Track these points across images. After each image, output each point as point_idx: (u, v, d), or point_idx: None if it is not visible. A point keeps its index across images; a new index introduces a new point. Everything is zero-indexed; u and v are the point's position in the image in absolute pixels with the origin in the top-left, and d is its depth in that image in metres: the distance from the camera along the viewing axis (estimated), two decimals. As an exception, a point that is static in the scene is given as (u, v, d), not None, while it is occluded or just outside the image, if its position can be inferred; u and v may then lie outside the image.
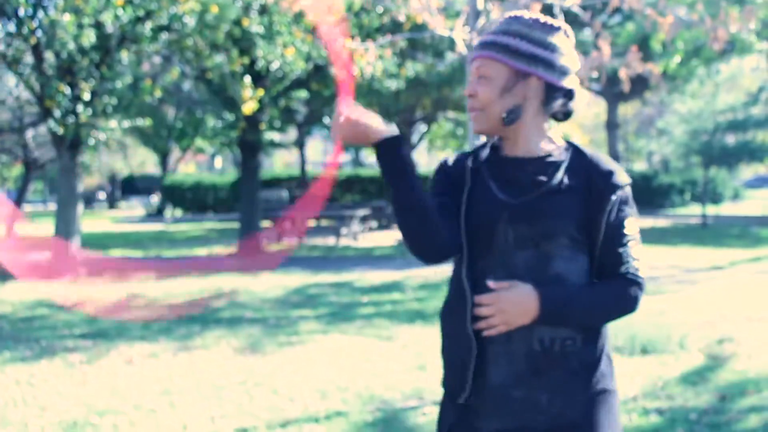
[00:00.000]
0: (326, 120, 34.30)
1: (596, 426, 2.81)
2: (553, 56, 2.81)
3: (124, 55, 16.71)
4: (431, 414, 7.03)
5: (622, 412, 7.08)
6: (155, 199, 50.04)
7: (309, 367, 8.83)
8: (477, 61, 2.83)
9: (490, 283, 2.76)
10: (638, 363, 8.86)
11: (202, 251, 23.22)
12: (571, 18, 9.09)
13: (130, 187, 63.50)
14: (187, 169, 68.84)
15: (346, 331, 10.80)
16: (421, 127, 37.70)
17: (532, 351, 2.78)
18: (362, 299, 13.52)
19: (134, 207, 56.01)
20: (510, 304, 2.72)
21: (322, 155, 77.32)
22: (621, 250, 2.82)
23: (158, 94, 18.54)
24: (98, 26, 15.85)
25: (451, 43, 15.22)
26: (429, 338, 10.19)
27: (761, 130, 49.36)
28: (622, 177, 2.82)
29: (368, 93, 24.45)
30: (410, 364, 8.90)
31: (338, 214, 26.46)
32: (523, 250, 2.79)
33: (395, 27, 19.07)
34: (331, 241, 25.70)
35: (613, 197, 2.79)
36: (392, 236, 27.57)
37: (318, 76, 22.00)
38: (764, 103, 41.37)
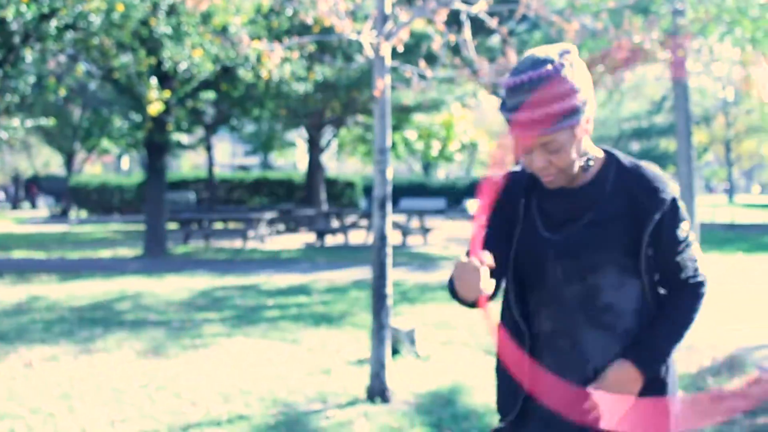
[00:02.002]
0: (234, 122, 34.09)
1: None
2: (585, 88, 2.75)
3: (28, 53, 16.41)
4: (334, 417, 7.04)
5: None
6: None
7: (212, 370, 8.78)
8: (543, 137, 2.71)
9: (590, 391, 2.80)
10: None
11: (106, 253, 22.90)
12: (478, 24, 9.16)
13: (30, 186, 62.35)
14: (93, 170, 67.87)
15: (251, 334, 10.75)
16: (330, 131, 37.63)
17: (587, 380, 2.86)
18: (268, 302, 13.47)
19: (38, 208, 55.02)
20: (617, 394, 2.77)
21: (229, 157, 76.82)
22: (678, 258, 2.86)
23: (63, 92, 18.25)
24: (1, 23, 15.54)
25: (360, 47, 15.28)
26: (334, 341, 10.20)
27: (664, 137, 50.33)
28: (666, 192, 2.82)
29: (277, 96, 24.35)
30: (314, 367, 8.89)
31: (245, 217, 26.33)
32: (572, 284, 2.84)
33: (304, 30, 19.02)
34: (238, 243, 25.55)
35: (658, 215, 2.81)
36: (299, 239, 27.52)
37: (226, 78, 21.84)
38: (667, 111, 42.16)
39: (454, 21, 8.47)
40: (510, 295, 2.98)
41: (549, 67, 2.67)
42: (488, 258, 2.65)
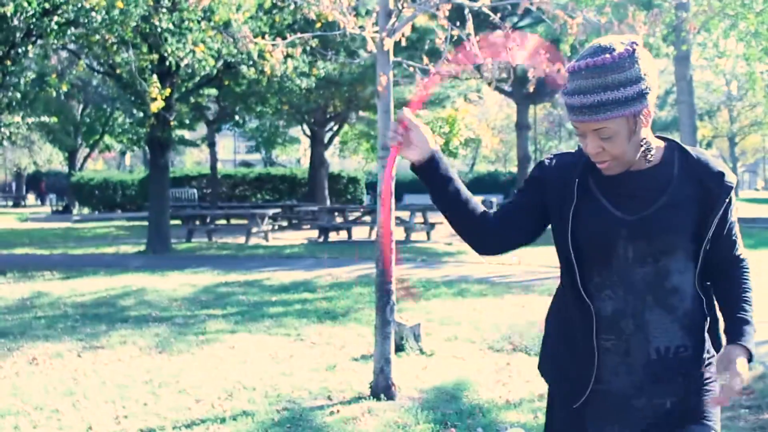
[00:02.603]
0: (237, 118, 34.09)
1: (710, 418, 2.93)
2: (646, 81, 2.74)
3: (30, 50, 16.39)
4: (339, 413, 7.02)
5: (528, 411, 7.15)
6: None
7: (216, 366, 8.76)
8: (592, 124, 2.74)
9: (719, 386, 2.82)
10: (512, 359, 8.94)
11: (109, 250, 22.89)
12: (481, 19, 9.11)
13: (36, 184, 62.43)
14: (95, 166, 67.89)
15: (255, 330, 10.73)
16: (334, 127, 37.63)
17: (650, 361, 2.87)
18: (271, 299, 13.45)
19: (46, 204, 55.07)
20: (740, 381, 2.76)
21: (232, 153, 76.82)
22: (734, 237, 2.97)
23: (65, 88, 18.25)
24: (2, 19, 15.52)
25: (363, 42, 15.26)
26: (338, 338, 10.19)
27: (668, 131, 50.28)
28: (730, 178, 2.87)
29: (279, 92, 24.34)
30: (319, 363, 8.87)
31: (248, 213, 26.31)
32: (643, 266, 2.85)
33: (307, 25, 18.98)
34: (241, 240, 25.53)
35: (726, 200, 2.87)
36: (302, 235, 27.50)
37: (229, 73, 21.81)
38: (671, 105, 42.08)
39: (457, 16, 8.42)
40: (571, 276, 2.94)
41: (608, 56, 2.69)
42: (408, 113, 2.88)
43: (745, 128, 62.12)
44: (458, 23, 8.22)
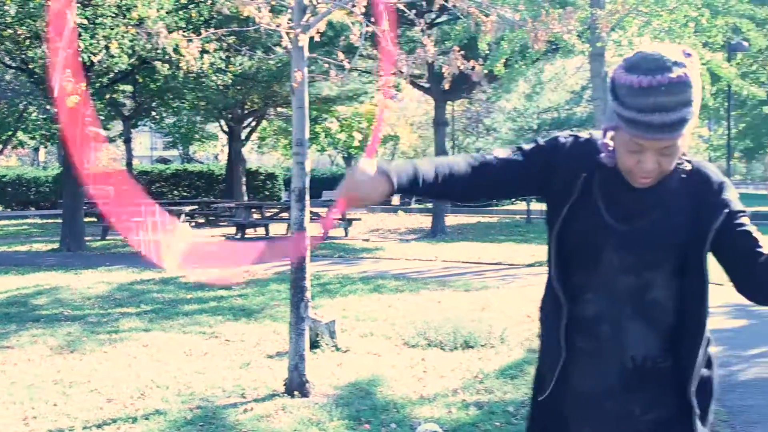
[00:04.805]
0: (154, 113, 33.74)
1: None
2: (700, 95, 2.67)
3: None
4: (252, 411, 6.98)
5: (442, 406, 7.18)
6: None
7: (129, 365, 8.66)
8: (666, 141, 2.62)
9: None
10: (460, 357, 9.01)
11: (22, 248, 22.51)
12: (400, 16, 9.14)
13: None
14: (8, 162, 66.67)
15: (169, 328, 10.63)
16: (252, 123, 37.44)
17: (624, 369, 2.84)
18: (187, 296, 13.34)
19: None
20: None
21: (149, 150, 76.03)
22: (755, 234, 2.78)
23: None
24: None
25: (279, 39, 15.19)
26: (252, 335, 10.14)
27: (583, 128, 50.87)
28: (729, 189, 2.81)
29: (196, 88, 24.15)
30: (233, 361, 8.82)
31: (165, 210, 26.05)
32: (627, 276, 2.81)
33: (224, 21, 18.86)
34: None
35: (726, 211, 2.77)
36: (220, 232, 27.32)
37: (144, 69, 21.58)
38: (586, 101, 42.61)
39: (373, 12, 8.41)
40: (553, 271, 2.91)
41: (684, 71, 2.58)
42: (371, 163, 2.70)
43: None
44: (373, 19, 8.23)
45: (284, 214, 26.13)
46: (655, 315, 2.85)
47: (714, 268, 2.83)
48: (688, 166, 2.83)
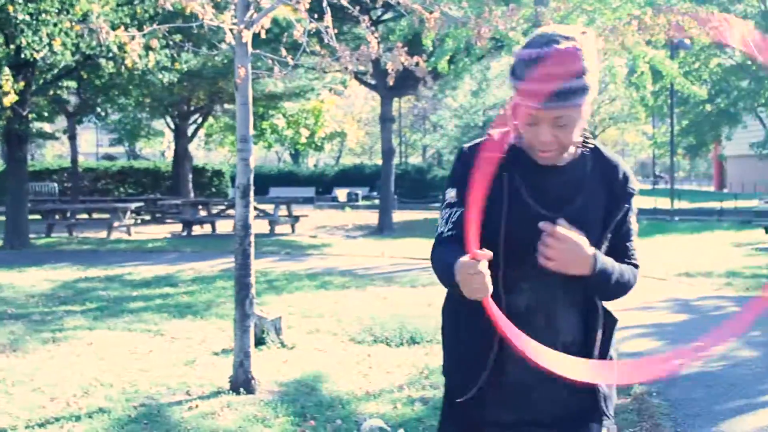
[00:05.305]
0: (98, 110, 33.45)
1: (600, 411, 2.98)
2: (594, 74, 2.77)
3: None
4: (197, 408, 6.97)
5: (388, 402, 7.22)
6: None
7: (73, 364, 8.60)
8: (557, 111, 2.71)
9: (557, 226, 2.75)
10: (405, 353, 9.06)
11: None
12: (345, 12, 9.14)
13: None
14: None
15: (114, 326, 10.56)
16: (198, 119, 37.26)
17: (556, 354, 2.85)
18: (132, 293, 13.27)
19: None
20: (575, 248, 2.74)
21: (95, 146, 75.39)
22: (629, 243, 2.98)
23: None
24: None
25: (224, 35, 15.14)
26: (198, 332, 10.12)
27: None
28: (634, 184, 2.95)
29: (141, 84, 24.00)
30: (178, 358, 8.79)
31: (111, 207, 25.89)
32: None
33: (169, 18, 18.73)
34: (102, 234, 25.07)
35: (627, 205, 2.93)
36: (166, 229, 27.18)
37: (88, 66, 21.39)
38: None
39: (318, 9, 8.41)
40: (494, 271, 2.81)
41: (574, 44, 2.69)
42: (487, 254, 2.62)
43: (605, 122, 63.60)
44: (316, 16, 8.24)
45: (231, 211, 26.02)
46: (578, 299, 2.94)
47: (660, 263, 2.90)
48: (593, 146, 2.95)
